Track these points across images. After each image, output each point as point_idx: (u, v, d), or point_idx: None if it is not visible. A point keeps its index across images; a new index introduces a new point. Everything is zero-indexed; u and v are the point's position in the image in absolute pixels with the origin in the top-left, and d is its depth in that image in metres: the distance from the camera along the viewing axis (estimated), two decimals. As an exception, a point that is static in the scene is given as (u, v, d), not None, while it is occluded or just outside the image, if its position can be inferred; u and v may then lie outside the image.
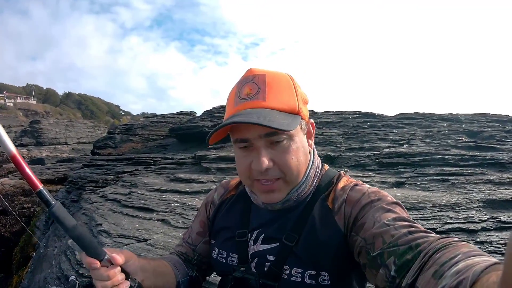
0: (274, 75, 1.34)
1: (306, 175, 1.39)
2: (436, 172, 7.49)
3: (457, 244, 0.91)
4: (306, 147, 1.39)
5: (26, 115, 78.81)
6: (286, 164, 1.29)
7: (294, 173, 1.32)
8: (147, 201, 7.96)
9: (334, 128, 12.34)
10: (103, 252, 1.17)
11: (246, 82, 1.34)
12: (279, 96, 1.29)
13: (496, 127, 10.48)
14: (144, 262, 1.37)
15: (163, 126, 18.85)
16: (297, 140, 1.32)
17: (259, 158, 1.26)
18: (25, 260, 11.09)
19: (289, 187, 1.35)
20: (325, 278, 1.25)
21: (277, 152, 1.28)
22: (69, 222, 1.11)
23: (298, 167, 1.32)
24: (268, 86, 1.30)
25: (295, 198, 1.38)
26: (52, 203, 1.07)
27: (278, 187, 1.33)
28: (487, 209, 5.61)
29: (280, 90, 1.31)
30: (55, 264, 6.96)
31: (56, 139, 51.48)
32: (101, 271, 1.16)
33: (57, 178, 18.77)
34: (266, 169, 1.27)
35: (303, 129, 1.37)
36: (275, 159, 1.28)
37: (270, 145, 1.28)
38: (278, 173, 1.30)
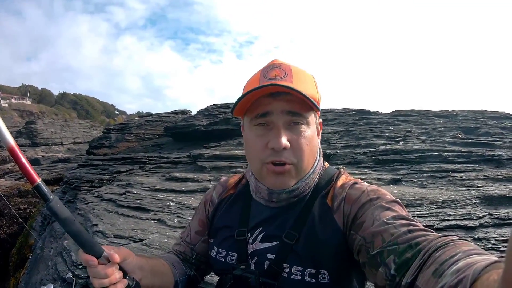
0: (299, 68, 1.38)
1: (313, 169, 1.40)
2: (432, 168, 7.50)
3: (457, 242, 0.91)
4: (317, 141, 1.41)
5: (22, 116, 78.79)
6: (301, 148, 1.30)
7: (305, 161, 1.33)
8: (143, 201, 7.94)
9: (329, 125, 12.36)
10: (101, 250, 1.15)
11: (272, 67, 1.36)
12: (304, 83, 1.31)
13: (492, 123, 10.51)
14: (142, 260, 1.36)
15: (158, 125, 18.86)
16: (312, 129, 1.35)
17: (279, 136, 1.27)
18: (22, 262, 11.05)
19: (299, 175, 1.35)
20: (325, 276, 1.24)
21: (294, 135, 1.29)
22: (67, 217, 1.09)
23: (309, 156, 1.34)
24: (295, 74, 1.32)
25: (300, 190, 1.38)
26: (50, 197, 1.06)
27: (289, 171, 1.32)
28: (484, 205, 5.61)
29: (305, 80, 1.34)
30: (51, 265, 6.92)
31: (51, 139, 51.48)
32: (99, 268, 1.14)
33: (53, 178, 18.79)
34: (284, 149, 1.27)
35: (316, 122, 1.40)
36: (292, 141, 1.29)
37: (288, 126, 1.29)
38: (291, 157, 1.30)
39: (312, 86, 1.35)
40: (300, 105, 1.28)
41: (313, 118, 1.36)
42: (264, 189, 1.41)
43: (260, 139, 1.32)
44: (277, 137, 1.27)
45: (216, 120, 13.99)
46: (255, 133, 1.34)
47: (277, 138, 1.27)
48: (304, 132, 1.31)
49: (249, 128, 1.38)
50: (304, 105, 1.30)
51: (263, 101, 1.30)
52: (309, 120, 1.32)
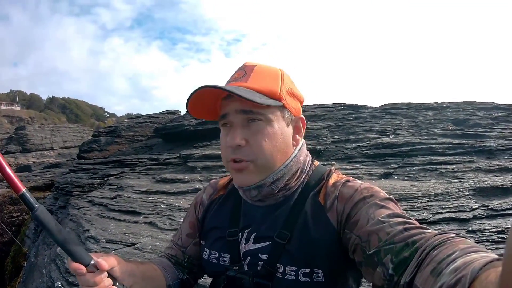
0: (264, 66, 1.39)
1: (285, 165, 1.37)
2: (424, 161, 7.51)
3: (454, 240, 0.90)
4: (288, 138, 1.38)
5: (11, 122, 78.57)
6: (258, 145, 1.29)
7: (266, 157, 1.31)
8: (134, 204, 7.93)
9: (319, 121, 12.36)
10: (89, 257, 1.14)
11: (238, 70, 1.39)
12: (261, 81, 1.32)
13: (482, 114, 10.53)
14: (132, 266, 1.33)
15: (148, 126, 18.88)
16: (275, 126, 1.32)
17: (232, 134, 1.29)
18: (17, 270, 11.06)
19: (262, 172, 1.33)
20: (320, 276, 1.23)
21: (251, 132, 1.30)
22: (53, 226, 1.08)
23: (272, 152, 1.32)
24: (254, 73, 1.34)
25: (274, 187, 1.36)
26: (36, 206, 1.05)
27: (248, 168, 1.32)
28: (477, 197, 5.62)
29: (264, 77, 1.34)
30: (46, 273, 6.92)
31: (42, 144, 51.36)
32: (88, 276, 1.13)
33: (44, 184, 18.70)
34: (238, 146, 1.28)
35: (286, 119, 1.37)
36: (249, 139, 1.29)
37: (246, 124, 1.30)
38: (249, 154, 1.30)
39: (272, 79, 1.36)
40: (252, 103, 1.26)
41: (278, 114, 1.34)
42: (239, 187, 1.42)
43: (224, 138, 1.35)
44: (231, 135, 1.30)
45: (205, 120, 13.87)
46: (222, 133, 1.37)
47: (231, 136, 1.29)
48: (263, 129, 1.30)
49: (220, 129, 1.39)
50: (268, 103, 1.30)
51: (223, 103, 1.34)
52: (270, 117, 1.31)
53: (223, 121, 1.35)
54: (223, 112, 1.33)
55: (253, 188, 1.36)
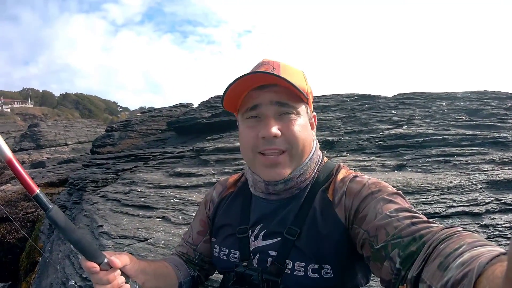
0: (287, 64, 1.43)
1: (310, 157, 1.43)
2: (437, 153, 7.43)
3: (461, 234, 0.91)
4: (310, 131, 1.45)
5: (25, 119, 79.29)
6: (293, 134, 1.35)
7: (300, 147, 1.37)
8: (147, 199, 7.95)
9: (332, 112, 12.28)
10: (102, 256, 1.17)
11: (261, 64, 1.42)
12: (292, 76, 1.35)
13: (496, 104, 10.38)
14: (144, 264, 1.37)
15: (161, 120, 18.91)
16: (303, 119, 1.40)
17: (268, 124, 1.33)
18: (32, 266, 11.15)
19: (294, 163, 1.39)
20: (328, 271, 1.25)
21: (285, 123, 1.35)
22: (67, 225, 1.11)
23: (305, 142, 1.39)
24: (283, 68, 1.38)
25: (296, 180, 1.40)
26: (49, 207, 1.08)
27: (283, 160, 1.36)
28: (490, 190, 5.55)
29: (293, 73, 1.40)
30: (60, 269, 6.97)
31: (55, 140, 51.67)
32: (101, 275, 1.16)
33: (59, 180, 18.78)
34: (274, 137, 1.33)
35: (308, 114, 1.44)
36: (283, 130, 1.34)
37: (279, 117, 1.36)
38: (284, 144, 1.35)
39: (301, 79, 1.41)
40: (287, 96, 1.34)
41: (304, 110, 1.42)
42: (261, 181, 1.45)
43: (251, 129, 1.38)
44: (267, 125, 1.33)
45: (218, 112, 13.92)
46: (247, 124, 1.41)
47: (267, 126, 1.32)
48: (296, 121, 1.35)
49: (242, 122, 1.45)
50: (292, 96, 1.36)
51: (252, 94, 1.37)
52: (300, 111, 1.38)
53: (252, 113, 1.38)
54: (254, 103, 1.37)
55: (281, 182, 1.40)
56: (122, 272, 1.23)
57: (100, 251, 1.18)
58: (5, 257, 14.00)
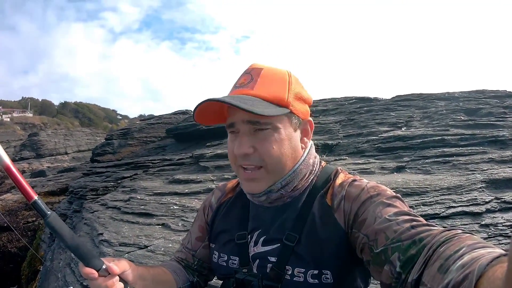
0: (271, 69, 1.38)
1: (294, 170, 1.38)
2: (436, 154, 7.44)
3: (461, 236, 0.91)
4: (296, 142, 1.40)
5: (24, 129, 79.19)
6: (266, 152, 1.31)
7: (275, 163, 1.33)
8: (147, 206, 7.96)
9: (330, 115, 12.30)
10: (100, 262, 1.17)
11: (244, 73, 1.40)
12: (267, 87, 1.32)
13: (494, 103, 10.38)
14: (143, 270, 1.35)
15: (160, 127, 18.94)
16: (282, 133, 1.33)
17: (240, 143, 1.31)
18: (34, 274, 11.19)
19: (271, 178, 1.36)
20: (328, 277, 1.24)
21: (258, 139, 1.31)
22: (65, 232, 1.12)
23: (281, 158, 1.33)
24: (261, 78, 1.34)
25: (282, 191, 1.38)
26: (48, 213, 1.08)
27: (258, 176, 1.34)
28: (490, 189, 5.55)
29: (271, 82, 1.34)
30: (61, 277, 6.97)
31: (55, 149, 51.64)
32: (99, 281, 1.16)
33: (59, 189, 18.82)
34: (247, 155, 1.31)
35: (294, 124, 1.38)
36: (256, 146, 1.31)
37: (253, 132, 1.31)
38: (258, 160, 1.32)
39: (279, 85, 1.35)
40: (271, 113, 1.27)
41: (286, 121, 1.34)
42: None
43: (231, 144, 1.37)
44: (239, 144, 1.32)
45: (217, 117, 13.89)
46: (229, 139, 1.40)
47: (239, 145, 1.31)
48: (270, 136, 1.31)
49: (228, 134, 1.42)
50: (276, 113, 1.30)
51: (229, 111, 1.36)
52: (277, 125, 1.31)
53: (231, 129, 1.36)
54: (230, 121, 1.35)
55: (262, 195, 1.38)
56: (121, 278, 1.22)
57: (98, 257, 1.18)
58: (7, 266, 14.07)
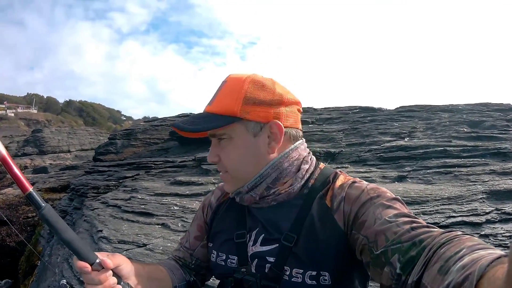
0: (234, 80, 1.39)
1: (260, 174, 1.39)
2: (438, 164, 7.44)
3: (461, 237, 0.90)
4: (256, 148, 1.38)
5: (28, 125, 79.15)
6: (225, 160, 1.38)
7: (235, 169, 1.39)
8: (147, 206, 7.98)
9: (334, 124, 12.34)
10: (94, 256, 1.14)
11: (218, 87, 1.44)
12: (222, 100, 1.36)
13: (498, 116, 10.40)
14: (138, 266, 1.34)
15: (164, 129, 18.88)
16: (237, 141, 1.36)
17: (210, 152, 1.42)
18: (31, 269, 11.18)
19: (237, 182, 1.41)
20: (326, 278, 1.23)
21: (220, 149, 1.39)
22: (60, 225, 1.10)
23: (239, 164, 1.38)
24: (221, 91, 1.38)
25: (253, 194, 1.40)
26: (42, 205, 1.07)
27: (226, 179, 1.43)
28: (491, 200, 5.54)
29: (226, 94, 1.37)
30: (58, 272, 6.97)
31: (58, 147, 51.54)
32: (93, 275, 1.13)
33: (60, 186, 18.87)
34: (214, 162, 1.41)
35: (252, 130, 1.36)
36: (220, 155, 1.39)
37: (217, 143, 1.39)
38: (223, 166, 1.40)
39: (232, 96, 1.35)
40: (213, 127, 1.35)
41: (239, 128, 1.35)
42: None
43: None
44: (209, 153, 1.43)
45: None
46: None
47: (208, 155, 1.43)
48: (227, 146, 1.37)
49: None
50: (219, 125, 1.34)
51: None
52: (230, 134, 1.36)
53: None
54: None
55: (234, 195, 1.44)
56: (115, 273, 1.21)
57: (92, 251, 1.16)
58: (5, 260, 14.04)
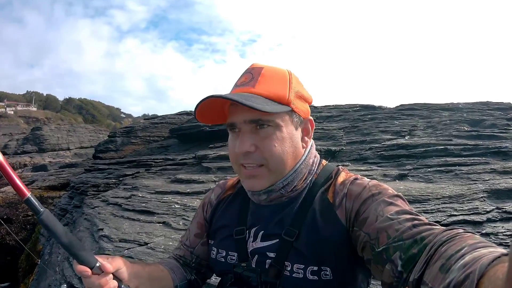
0: (272, 68, 1.37)
1: (295, 170, 1.38)
2: (438, 163, 7.45)
3: (463, 236, 0.90)
4: (297, 141, 1.38)
5: (28, 122, 79.01)
6: (268, 149, 1.30)
7: (277, 161, 1.32)
8: (148, 204, 7.96)
9: (334, 122, 12.34)
10: (94, 260, 1.15)
11: (245, 72, 1.39)
12: (268, 85, 1.32)
13: (498, 115, 10.42)
14: (138, 268, 1.35)
15: (164, 127, 18.89)
16: (284, 131, 1.33)
17: (242, 141, 1.30)
18: (31, 267, 11.16)
19: (273, 177, 1.35)
20: (328, 273, 1.23)
21: (260, 138, 1.30)
22: (59, 229, 1.11)
23: (283, 156, 1.32)
24: (262, 77, 1.33)
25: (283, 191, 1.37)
26: (41, 210, 1.07)
27: (260, 173, 1.33)
28: (491, 199, 5.54)
29: (272, 81, 1.33)
30: (59, 270, 6.96)
31: (58, 145, 51.49)
32: (93, 279, 1.15)
33: (60, 184, 18.88)
34: (248, 153, 1.30)
35: (295, 122, 1.37)
36: (258, 144, 1.30)
37: (255, 130, 1.31)
38: (260, 158, 1.31)
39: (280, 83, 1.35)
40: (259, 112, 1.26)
41: (287, 119, 1.34)
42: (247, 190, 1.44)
43: (232, 143, 1.36)
44: (241, 142, 1.31)
45: (218, 123, 13.89)
46: (230, 137, 1.39)
47: (241, 143, 1.30)
48: (272, 135, 1.31)
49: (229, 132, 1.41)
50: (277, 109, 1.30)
51: (231, 110, 1.34)
52: (278, 122, 1.31)
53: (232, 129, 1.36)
54: (231, 121, 1.34)
55: (263, 193, 1.37)
56: (115, 276, 1.23)
57: (92, 255, 1.18)
58: (4, 258, 14.04)
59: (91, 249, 6.07)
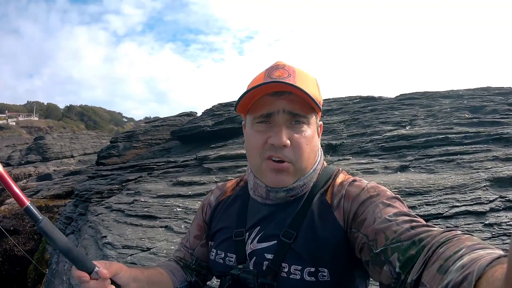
0: (302, 70, 1.39)
1: (314, 168, 1.42)
2: (440, 152, 7.42)
3: (461, 237, 0.90)
4: (317, 142, 1.43)
5: (30, 132, 79.53)
6: (300, 146, 1.31)
7: (305, 159, 1.34)
8: (150, 208, 8.00)
9: (335, 115, 12.33)
10: (92, 265, 1.17)
11: (276, 68, 1.37)
12: (306, 84, 1.31)
13: (499, 100, 10.33)
14: (137, 272, 1.36)
15: (165, 129, 19.03)
16: (313, 129, 1.36)
17: (280, 132, 1.29)
18: (40, 277, 11.23)
19: (298, 174, 1.36)
20: (325, 275, 1.23)
21: (294, 133, 1.31)
22: (57, 236, 1.12)
23: (310, 154, 1.36)
24: (298, 75, 1.33)
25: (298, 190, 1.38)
26: (40, 218, 1.09)
27: (288, 169, 1.33)
28: (494, 188, 5.49)
29: (308, 81, 1.35)
30: (66, 279, 7.00)
31: (61, 153, 51.66)
32: (91, 284, 1.16)
33: (65, 192, 18.97)
34: (283, 146, 1.29)
35: (316, 124, 1.42)
36: (292, 139, 1.30)
37: (290, 125, 1.31)
38: (291, 154, 1.31)
39: (314, 87, 1.37)
40: (301, 106, 1.30)
41: (314, 119, 1.38)
42: (263, 186, 1.42)
43: (261, 134, 1.34)
44: (278, 134, 1.29)
45: (221, 120, 14.04)
46: (257, 129, 1.36)
47: (278, 135, 1.28)
48: (305, 132, 1.32)
49: (251, 125, 1.39)
50: (306, 106, 1.32)
51: (266, 100, 1.33)
52: (310, 121, 1.34)
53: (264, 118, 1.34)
54: (268, 110, 1.32)
55: (283, 190, 1.37)
56: (113, 281, 1.22)
57: (90, 260, 1.18)
58: (14, 269, 14.14)
59: (95, 257, 6.09)
